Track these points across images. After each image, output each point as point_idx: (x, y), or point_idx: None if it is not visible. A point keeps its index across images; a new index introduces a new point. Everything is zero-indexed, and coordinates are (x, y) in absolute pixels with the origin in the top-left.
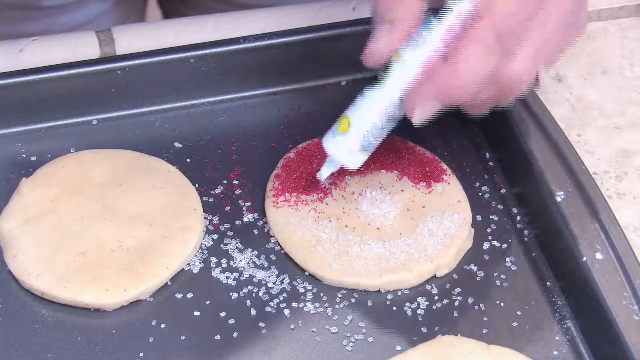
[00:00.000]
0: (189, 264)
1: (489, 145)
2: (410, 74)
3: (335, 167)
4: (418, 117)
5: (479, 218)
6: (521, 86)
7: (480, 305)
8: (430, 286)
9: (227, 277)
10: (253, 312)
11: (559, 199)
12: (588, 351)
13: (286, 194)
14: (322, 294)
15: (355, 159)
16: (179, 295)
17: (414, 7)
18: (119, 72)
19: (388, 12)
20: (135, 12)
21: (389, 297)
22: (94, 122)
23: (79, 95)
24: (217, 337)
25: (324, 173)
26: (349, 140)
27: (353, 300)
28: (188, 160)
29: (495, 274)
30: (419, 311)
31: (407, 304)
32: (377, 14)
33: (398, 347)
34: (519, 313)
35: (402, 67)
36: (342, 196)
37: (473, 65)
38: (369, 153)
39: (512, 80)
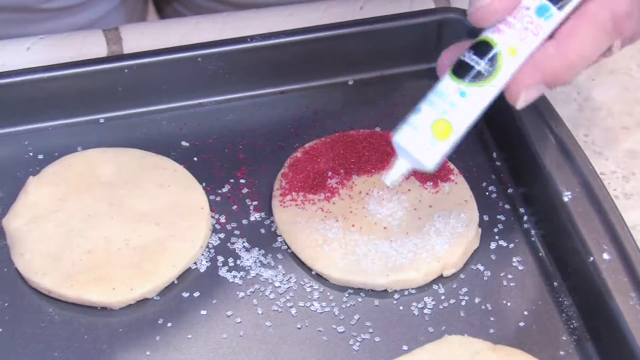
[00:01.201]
0: (195, 263)
1: (496, 144)
2: (519, 66)
3: (409, 171)
4: (522, 103)
5: (485, 218)
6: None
7: (487, 305)
8: (437, 286)
9: (234, 276)
10: (260, 311)
11: (566, 199)
12: (595, 351)
13: (293, 193)
14: (328, 294)
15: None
16: (185, 294)
17: None
18: (126, 70)
19: None
20: (137, 13)
21: (396, 296)
22: (101, 120)
23: (86, 94)
24: (224, 336)
25: (395, 179)
26: (448, 147)
27: (360, 299)
28: (195, 159)
29: (502, 274)
30: (425, 311)
31: (414, 304)
32: None
33: (405, 347)
34: (525, 313)
35: (515, 61)
36: (349, 195)
37: (586, 48)
38: None
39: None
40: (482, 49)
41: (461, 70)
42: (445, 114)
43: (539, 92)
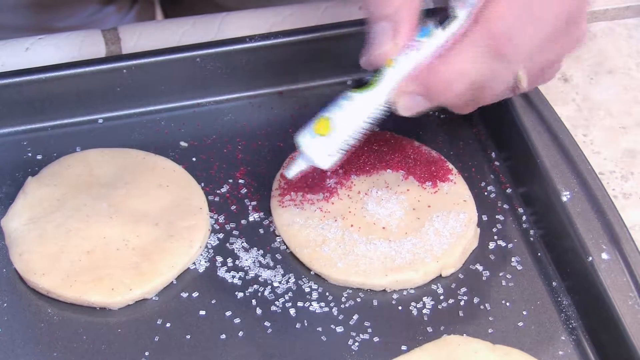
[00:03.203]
0: (194, 263)
1: (495, 145)
2: (401, 77)
3: (306, 166)
4: (402, 109)
5: (484, 218)
6: (503, 87)
7: (486, 305)
8: (435, 286)
9: (233, 277)
10: (258, 311)
11: (564, 198)
12: (593, 351)
13: (292, 193)
14: (327, 294)
15: (330, 161)
16: (184, 295)
17: (411, 1)
18: (124, 71)
19: (383, 6)
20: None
21: (395, 296)
22: (100, 121)
23: (85, 94)
24: (223, 336)
25: (292, 171)
26: (329, 143)
27: (359, 299)
28: (194, 159)
29: (500, 274)
30: (424, 311)
31: (413, 304)
32: (370, 7)
33: (403, 347)
34: (524, 313)
35: (396, 73)
36: (348, 195)
37: (462, 66)
38: (343, 154)
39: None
40: None
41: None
42: (329, 113)
43: (419, 104)
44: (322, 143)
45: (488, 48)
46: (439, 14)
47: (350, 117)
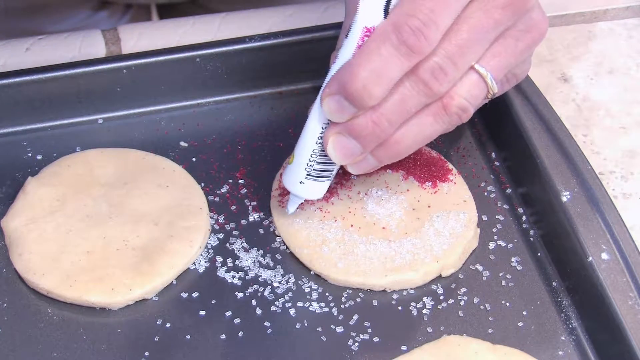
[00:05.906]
0: (194, 263)
1: (494, 145)
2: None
3: (297, 200)
4: (328, 113)
5: (484, 218)
6: (441, 86)
7: (486, 305)
8: (435, 286)
9: (233, 277)
10: (258, 311)
11: (564, 199)
12: (593, 351)
13: None
14: (327, 294)
15: (309, 189)
16: (184, 295)
17: None
18: (124, 71)
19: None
20: None
21: (395, 296)
22: (100, 121)
23: (85, 94)
24: (223, 336)
25: (290, 208)
26: (295, 170)
27: (358, 300)
28: (194, 159)
29: (500, 274)
30: (424, 311)
31: (413, 304)
32: None
33: (403, 347)
34: (524, 313)
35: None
36: (348, 196)
37: (374, 63)
38: (325, 180)
39: (429, 82)
40: None
41: None
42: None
43: (343, 107)
44: (291, 172)
45: (393, 40)
46: None
47: (303, 141)
